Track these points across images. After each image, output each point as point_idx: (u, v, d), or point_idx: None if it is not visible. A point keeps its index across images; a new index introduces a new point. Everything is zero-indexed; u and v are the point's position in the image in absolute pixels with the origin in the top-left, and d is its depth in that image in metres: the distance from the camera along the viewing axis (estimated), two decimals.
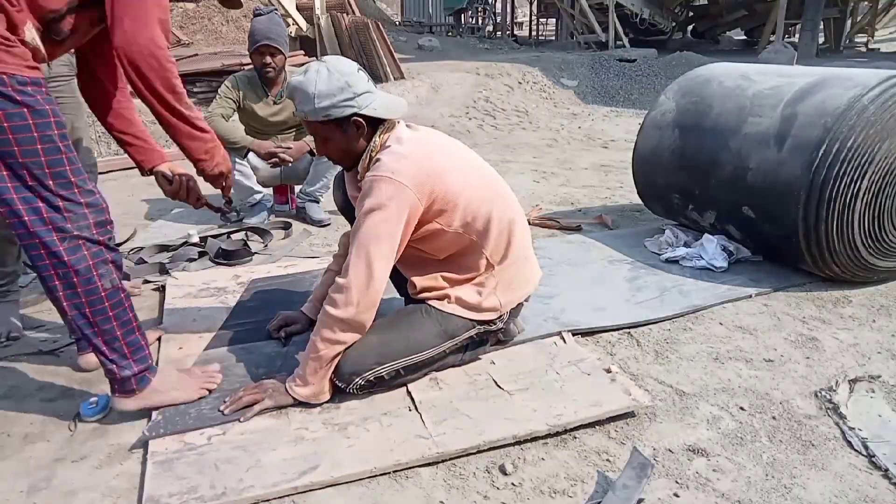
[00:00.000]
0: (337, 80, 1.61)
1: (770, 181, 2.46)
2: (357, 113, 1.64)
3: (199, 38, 10.27)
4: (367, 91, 1.65)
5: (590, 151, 5.48)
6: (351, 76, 1.63)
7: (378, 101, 1.67)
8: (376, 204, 1.59)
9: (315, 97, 1.61)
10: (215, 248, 2.86)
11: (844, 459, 1.53)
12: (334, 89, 1.61)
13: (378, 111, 1.66)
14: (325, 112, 1.62)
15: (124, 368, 1.58)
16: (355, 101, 1.63)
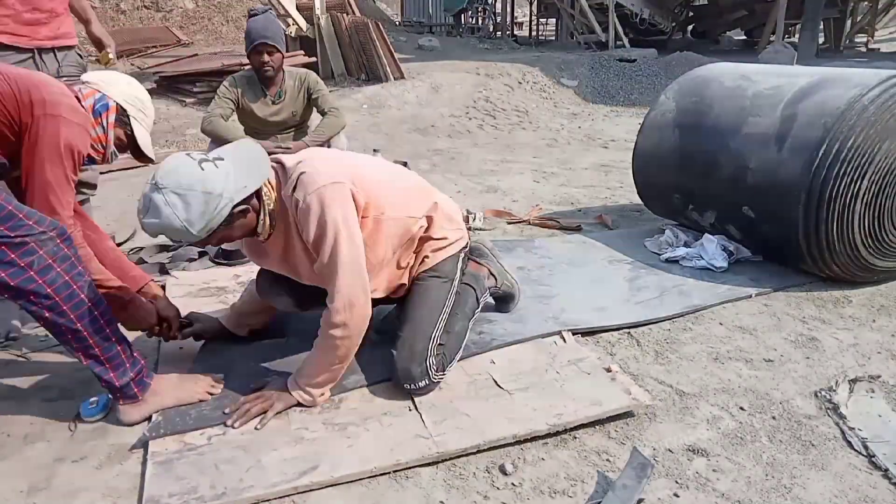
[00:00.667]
0: (194, 198, 1.43)
1: (770, 181, 2.46)
2: (235, 205, 1.49)
3: (199, 38, 10.27)
4: (225, 175, 1.47)
5: (590, 151, 5.48)
6: (202, 183, 1.43)
7: (242, 175, 1.51)
8: (338, 216, 1.56)
9: (188, 227, 1.44)
10: (215, 248, 2.86)
11: (844, 459, 1.53)
12: (199, 207, 1.43)
13: (249, 187, 1.52)
14: (207, 230, 1.47)
15: (124, 375, 1.59)
16: (224, 198, 1.46)
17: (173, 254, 2.87)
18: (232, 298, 2.38)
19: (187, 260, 2.81)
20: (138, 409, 1.63)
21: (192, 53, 8.39)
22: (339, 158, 1.76)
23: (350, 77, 8.01)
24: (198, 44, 9.80)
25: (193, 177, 1.44)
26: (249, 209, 1.56)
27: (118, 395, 1.61)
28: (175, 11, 10.99)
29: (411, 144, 5.68)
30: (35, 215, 1.48)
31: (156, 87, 7.17)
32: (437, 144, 5.68)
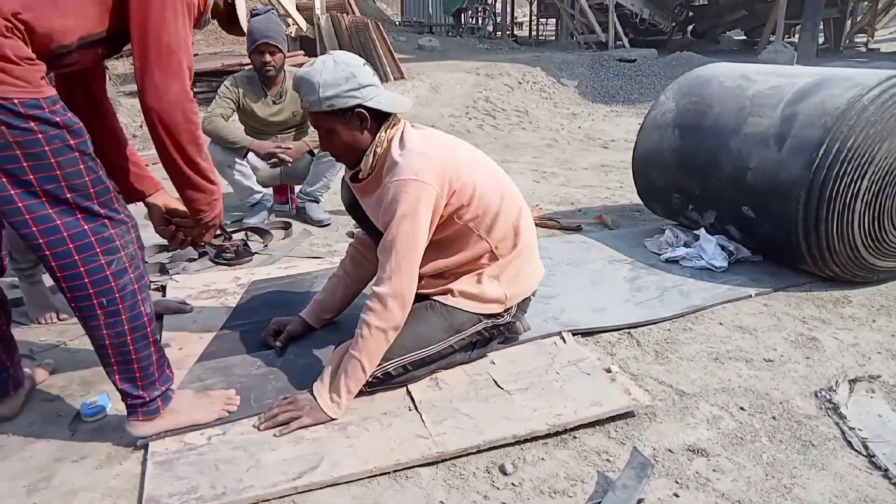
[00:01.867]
0: (342, 71, 1.61)
1: (770, 181, 2.46)
2: (361, 104, 1.63)
3: (199, 38, 10.26)
4: (372, 84, 1.65)
5: (590, 151, 5.48)
6: (357, 68, 1.63)
7: (383, 96, 1.67)
8: (408, 209, 1.60)
9: (320, 86, 1.60)
10: (215, 248, 2.86)
11: (844, 459, 1.53)
12: (339, 79, 1.60)
13: (382, 104, 1.66)
14: (328, 102, 1.61)
15: (154, 391, 1.52)
16: (360, 91, 1.62)
17: (173, 254, 2.87)
18: (232, 300, 2.39)
19: (187, 260, 2.81)
20: (152, 424, 1.55)
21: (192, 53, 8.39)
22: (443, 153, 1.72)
23: None
24: (198, 44, 9.79)
25: (355, 61, 1.65)
26: (367, 123, 1.66)
27: (140, 410, 1.52)
28: None
29: None
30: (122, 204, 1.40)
31: None
32: None
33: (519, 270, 1.85)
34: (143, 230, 1.58)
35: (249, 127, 3.40)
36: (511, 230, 1.81)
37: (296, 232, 3.26)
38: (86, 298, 1.36)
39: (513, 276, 1.84)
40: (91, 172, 1.34)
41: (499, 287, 1.82)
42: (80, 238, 1.32)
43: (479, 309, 1.80)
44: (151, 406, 1.53)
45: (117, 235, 1.38)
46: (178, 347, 2.03)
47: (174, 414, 1.57)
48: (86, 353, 2.03)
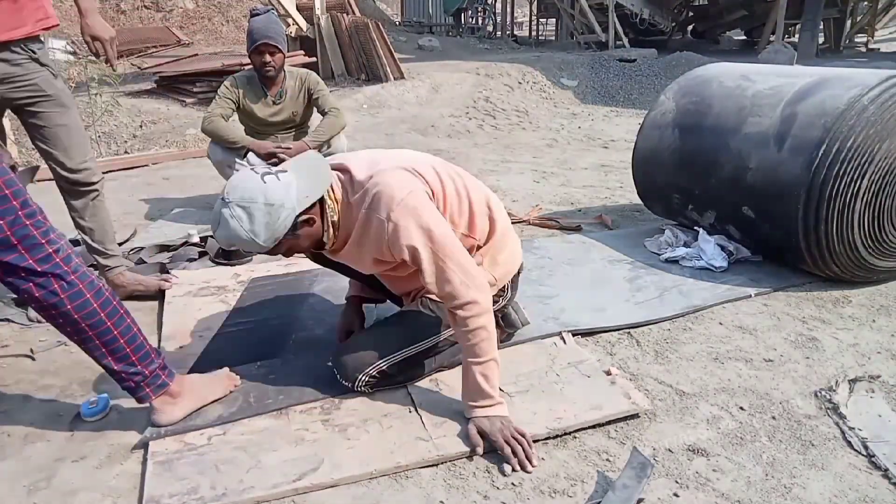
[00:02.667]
0: (258, 210, 1.46)
1: (770, 181, 2.46)
2: (298, 215, 1.52)
3: (199, 38, 10.27)
4: (287, 186, 1.49)
5: (590, 151, 5.48)
6: (265, 195, 1.46)
7: (304, 185, 1.53)
8: (425, 224, 1.54)
9: (254, 237, 1.48)
10: (215, 247, 2.86)
11: (844, 459, 1.53)
12: (263, 218, 1.47)
13: (311, 196, 1.54)
14: (273, 239, 1.50)
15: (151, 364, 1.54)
16: (286, 211, 1.48)
17: (173, 254, 2.87)
18: (232, 297, 2.39)
19: (187, 260, 2.81)
20: (175, 407, 1.57)
21: (192, 53, 8.39)
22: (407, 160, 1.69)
23: (350, 77, 8.01)
24: (198, 44, 9.80)
25: (256, 190, 1.48)
26: (314, 218, 1.57)
27: (149, 388, 1.53)
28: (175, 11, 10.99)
29: (411, 144, 5.68)
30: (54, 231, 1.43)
31: (155, 87, 7.17)
32: (437, 144, 5.68)
33: (498, 250, 1.85)
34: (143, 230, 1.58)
35: (249, 127, 3.40)
36: (486, 219, 1.81)
37: None
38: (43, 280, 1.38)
39: (493, 257, 1.84)
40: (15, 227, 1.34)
41: (484, 272, 1.80)
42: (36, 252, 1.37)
43: None
44: (157, 381, 1.54)
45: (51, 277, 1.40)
46: (178, 346, 2.03)
47: (192, 393, 1.61)
48: None
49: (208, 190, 4.02)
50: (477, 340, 1.57)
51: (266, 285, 2.50)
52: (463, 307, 1.56)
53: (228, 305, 2.33)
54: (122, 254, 2.79)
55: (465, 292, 1.55)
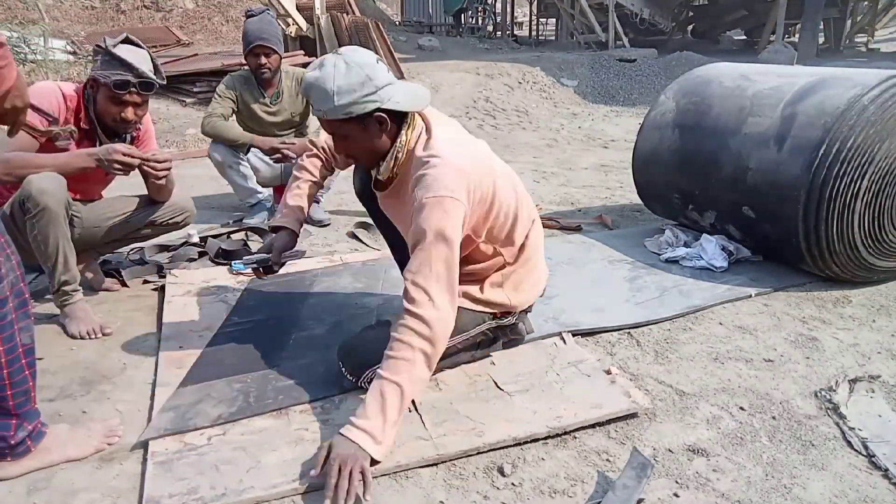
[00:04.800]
0: (357, 75, 1.51)
1: (770, 181, 2.46)
2: (380, 108, 1.54)
3: (198, 38, 10.27)
4: (389, 83, 1.55)
5: (590, 151, 5.49)
6: (371, 68, 1.53)
7: (401, 94, 1.57)
8: (444, 229, 1.51)
9: (334, 94, 1.50)
10: (215, 248, 2.86)
11: (844, 459, 1.53)
12: (355, 84, 1.50)
13: (402, 104, 1.56)
14: (345, 110, 1.52)
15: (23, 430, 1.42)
16: (377, 94, 1.52)
17: (173, 254, 2.87)
18: (232, 297, 2.39)
19: (187, 260, 2.81)
20: (18, 466, 1.45)
21: (192, 53, 8.38)
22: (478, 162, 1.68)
23: None
24: (198, 43, 9.79)
25: (368, 61, 1.52)
26: (387, 126, 1.58)
27: (8, 454, 1.42)
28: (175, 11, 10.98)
29: None
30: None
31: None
32: None
33: (524, 278, 1.85)
34: None
35: (247, 127, 3.40)
36: (522, 240, 1.81)
37: None
38: None
39: (517, 283, 1.84)
40: None
41: (502, 293, 1.82)
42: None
43: (482, 308, 1.81)
44: (20, 448, 1.43)
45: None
46: (178, 346, 2.03)
47: (44, 453, 1.48)
48: (86, 352, 2.03)
49: (208, 190, 4.02)
50: (399, 355, 1.46)
51: (266, 285, 2.50)
52: (413, 315, 1.48)
53: (228, 305, 2.32)
54: (124, 254, 2.80)
55: (426, 307, 1.48)
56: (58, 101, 2.13)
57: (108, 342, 2.10)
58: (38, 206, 1.98)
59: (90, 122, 2.19)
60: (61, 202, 2.02)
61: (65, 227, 2.06)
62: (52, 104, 2.10)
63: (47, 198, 1.98)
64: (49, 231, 2.03)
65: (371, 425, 1.41)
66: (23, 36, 6.12)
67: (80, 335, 2.11)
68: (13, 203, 2.06)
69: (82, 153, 2.08)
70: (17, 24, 6.85)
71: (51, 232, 2.03)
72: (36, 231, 2.02)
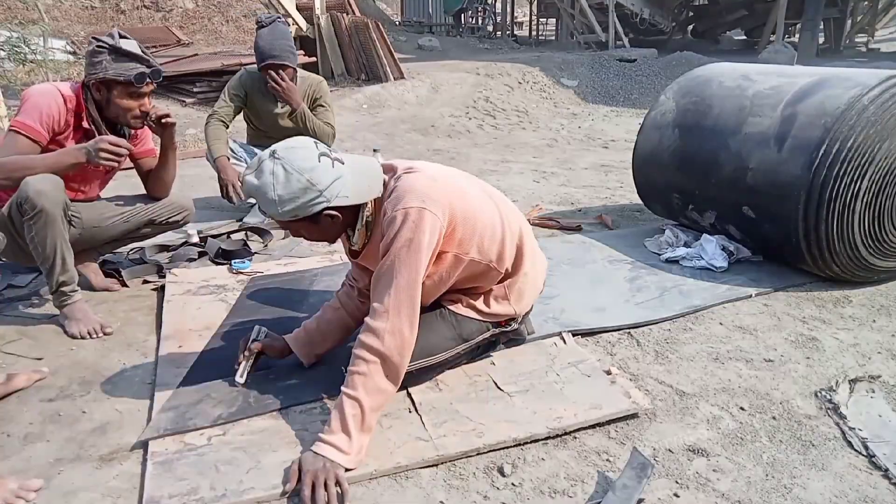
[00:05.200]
0: (297, 181, 1.45)
1: (770, 181, 2.46)
2: (327, 207, 1.50)
3: (199, 38, 10.26)
4: (335, 178, 1.48)
5: (590, 151, 5.48)
6: (311, 172, 1.45)
7: (349, 186, 1.51)
8: (413, 239, 1.50)
9: (277, 203, 1.46)
10: (215, 248, 2.86)
11: (844, 459, 1.53)
12: (296, 191, 1.45)
13: (351, 198, 1.52)
14: (291, 214, 1.49)
15: None
16: (322, 196, 1.47)
17: (173, 254, 2.87)
18: (232, 296, 2.38)
19: (187, 260, 2.81)
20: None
21: (192, 53, 8.38)
22: (449, 180, 1.67)
23: (350, 77, 8.01)
24: (198, 44, 9.79)
25: (307, 163, 1.46)
26: (339, 218, 1.54)
27: None
28: (175, 11, 10.98)
29: (411, 144, 5.68)
30: None
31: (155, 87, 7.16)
32: (437, 144, 5.68)
33: (525, 284, 1.85)
34: None
35: (255, 128, 3.40)
36: (514, 250, 1.80)
37: None
38: None
39: (520, 291, 1.84)
40: None
41: (508, 306, 1.82)
42: None
43: (488, 318, 1.82)
44: None
45: None
46: (178, 345, 2.03)
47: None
48: (86, 352, 2.03)
49: (207, 191, 4.01)
50: (355, 369, 1.48)
51: (266, 285, 2.50)
52: (368, 329, 1.49)
53: (228, 304, 2.32)
54: (124, 253, 2.80)
55: (380, 319, 1.49)
56: (57, 104, 2.13)
57: (107, 342, 2.10)
58: (35, 209, 1.98)
59: (91, 122, 2.20)
60: (58, 203, 2.03)
61: (62, 229, 2.06)
62: (51, 108, 2.11)
63: (44, 199, 1.99)
64: (47, 233, 2.03)
65: (336, 439, 1.43)
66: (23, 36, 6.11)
67: (79, 335, 2.11)
68: (11, 205, 2.06)
69: (72, 149, 2.08)
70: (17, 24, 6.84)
71: (48, 233, 2.03)
72: (33, 233, 2.02)
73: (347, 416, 1.44)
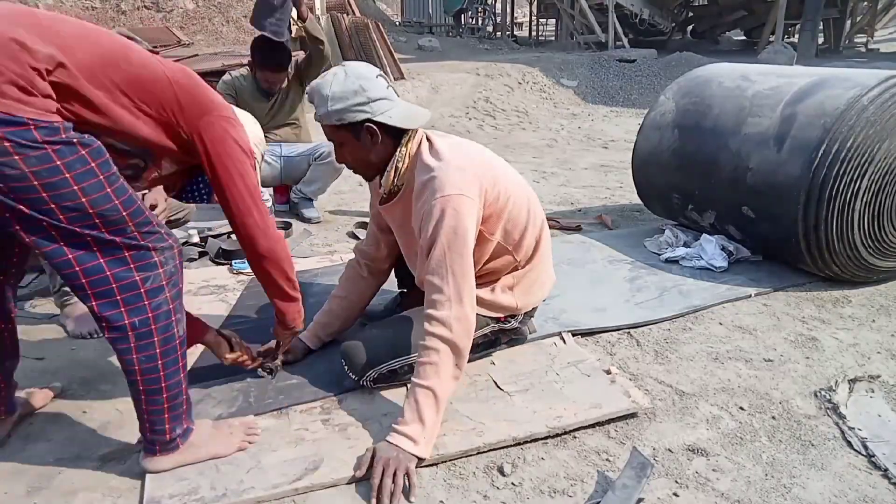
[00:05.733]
0: (352, 84, 1.54)
1: (770, 181, 2.46)
2: (370, 119, 1.56)
3: (199, 39, 10.27)
4: (384, 98, 1.57)
5: (590, 151, 5.49)
6: (367, 80, 1.56)
7: (396, 110, 1.59)
8: (456, 227, 1.53)
9: (329, 99, 1.55)
10: (215, 247, 2.86)
11: (844, 459, 1.53)
12: (348, 92, 1.54)
13: (393, 119, 1.58)
14: (337, 116, 1.55)
15: (178, 427, 1.42)
16: (369, 106, 1.55)
17: None
18: (232, 297, 2.39)
19: (188, 260, 2.81)
20: (169, 459, 1.44)
21: (193, 54, 8.38)
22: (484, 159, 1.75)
23: None
24: (198, 44, 9.79)
25: (367, 74, 1.57)
26: (378, 138, 1.59)
27: (159, 447, 1.41)
28: (175, 11, 10.98)
29: None
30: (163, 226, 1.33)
31: None
32: None
33: (534, 281, 1.86)
34: None
35: None
36: (533, 242, 1.82)
37: (296, 232, 3.26)
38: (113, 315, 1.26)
39: (527, 286, 1.85)
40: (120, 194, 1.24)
41: (511, 297, 1.83)
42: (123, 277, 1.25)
43: (488, 313, 1.81)
44: (171, 445, 1.42)
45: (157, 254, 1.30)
46: None
47: (193, 448, 1.47)
48: (86, 352, 2.03)
49: None
50: (426, 360, 1.52)
51: None
52: (434, 320, 1.52)
53: (228, 304, 2.33)
54: None
55: (444, 308, 1.52)
56: None
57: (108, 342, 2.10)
58: None
59: None
60: None
61: None
62: None
63: None
64: None
65: (410, 430, 1.46)
66: None
67: (80, 335, 2.11)
68: None
69: None
70: None
71: None
72: None
73: (422, 405, 1.48)
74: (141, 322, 1.28)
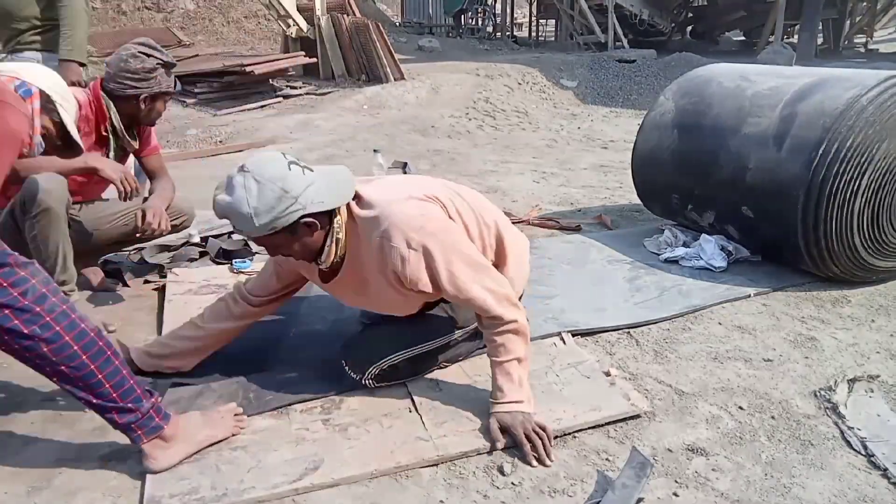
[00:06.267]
0: (270, 191, 1.41)
1: (769, 181, 2.46)
2: (304, 215, 1.46)
3: (199, 39, 10.28)
4: (307, 185, 1.45)
5: (589, 152, 5.49)
6: (283, 180, 1.43)
7: (322, 191, 1.48)
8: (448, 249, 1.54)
9: (252, 216, 1.42)
10: (216, 248, 2.86)
11: (843, 459, 1.53)
12: (271, 201, 1.41)
13: (326, 203, 1.49)
14: (269, 227, 1.44)
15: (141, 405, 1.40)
16: (298, 203, 1.44)
17: (174, 254, 2.87)
18: None
19: (188, 260, 2.81)
20: (171, 452, 1.44)
21: (193, 54, 8.40)
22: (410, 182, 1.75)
23: (350, 78, 8.02)
24: (198, 44, 9.80)
25: (278, 172, 1.44)
26: (317, 227, 1.51)
27: (140, 431, 1.40)
28: (176, 12, 10.99)
29: (411, 145, 5.68)
30: None
31: None
32: (437, 145, 5.68)
33: (516, 273, 1.86)
34: None
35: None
36: (495, 242, 1.80)
37: None
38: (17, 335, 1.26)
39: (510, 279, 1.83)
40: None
41: None
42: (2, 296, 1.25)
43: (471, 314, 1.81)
44: (149, 423, 1.41)
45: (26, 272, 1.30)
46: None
47: (188, 436, 1.48)
48: None
49: (208, 191, 4.02)
50: (502, 342, 1.60)
51: None
52: (498, 321, 1.59)
53: None
54: (125, 254, 2.80)
55: (502, 311, 1.58)
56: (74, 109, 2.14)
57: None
58: (40, 207, 1.99)
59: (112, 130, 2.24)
60: (62, 202, 2.03)
61: (65, 228, 2.07)
62: None
63: (49, 198, 1.99)
64: (49, 231, 2.03)
65: (515, 395, 1.58)
66: None
67: None
68: (14, 203, 2.07)
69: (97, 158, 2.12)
70: None
71: (51, 232, 2.03)
72: (36, 231, 2.03)
73: (513, 373, 1.60)
74: (42, 328, 1.28)
